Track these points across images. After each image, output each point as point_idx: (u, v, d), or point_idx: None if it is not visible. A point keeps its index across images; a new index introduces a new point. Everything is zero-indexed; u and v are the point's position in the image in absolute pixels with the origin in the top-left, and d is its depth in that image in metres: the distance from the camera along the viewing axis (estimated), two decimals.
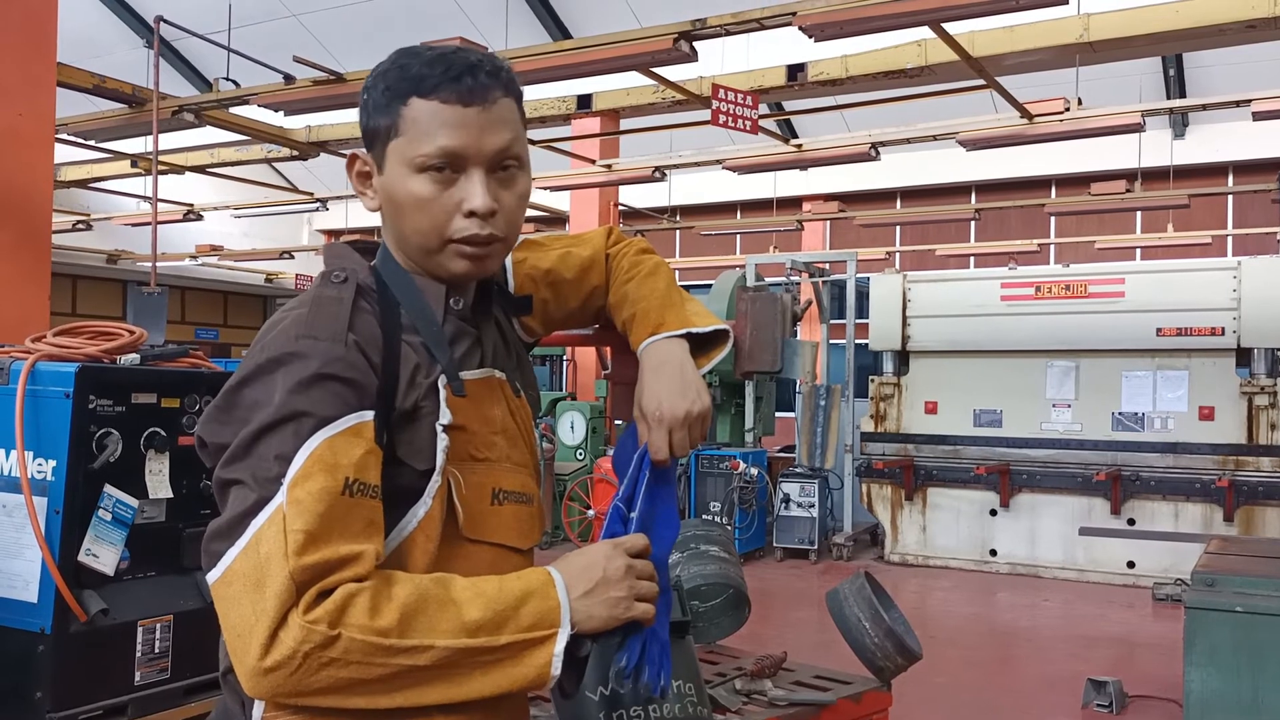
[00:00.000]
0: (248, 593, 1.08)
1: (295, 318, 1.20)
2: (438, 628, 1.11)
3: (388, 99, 1.23)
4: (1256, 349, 8.35)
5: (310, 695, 1.09)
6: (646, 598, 1.23)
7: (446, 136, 1.21)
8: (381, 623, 1.08)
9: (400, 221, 1.26)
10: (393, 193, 1.25)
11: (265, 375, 1.16)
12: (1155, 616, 7.52)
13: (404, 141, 1.23)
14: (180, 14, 10.62)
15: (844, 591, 2.55)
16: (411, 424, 1.22)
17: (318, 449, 1.11)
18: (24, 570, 2.56)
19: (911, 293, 9.57)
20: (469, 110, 1.22)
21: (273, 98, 8.61)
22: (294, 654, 1.06)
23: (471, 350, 1.33)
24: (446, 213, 1.24)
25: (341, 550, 1.09)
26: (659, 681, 1.30)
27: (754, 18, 6.73)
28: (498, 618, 1.13)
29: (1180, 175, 13.47)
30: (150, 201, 8.15)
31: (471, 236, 1.24)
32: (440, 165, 1.22)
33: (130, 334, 2.81)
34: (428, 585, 1.13)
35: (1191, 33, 6.93)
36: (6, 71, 5.39)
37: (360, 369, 1.17)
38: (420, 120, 1.22)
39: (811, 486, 9.32)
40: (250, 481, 1.12)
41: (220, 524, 1.13)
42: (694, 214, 17.42)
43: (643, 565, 1.24)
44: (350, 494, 1.12)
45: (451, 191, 1.23)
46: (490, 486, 1.29)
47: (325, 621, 1.06)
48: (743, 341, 1.83)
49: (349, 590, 1.08)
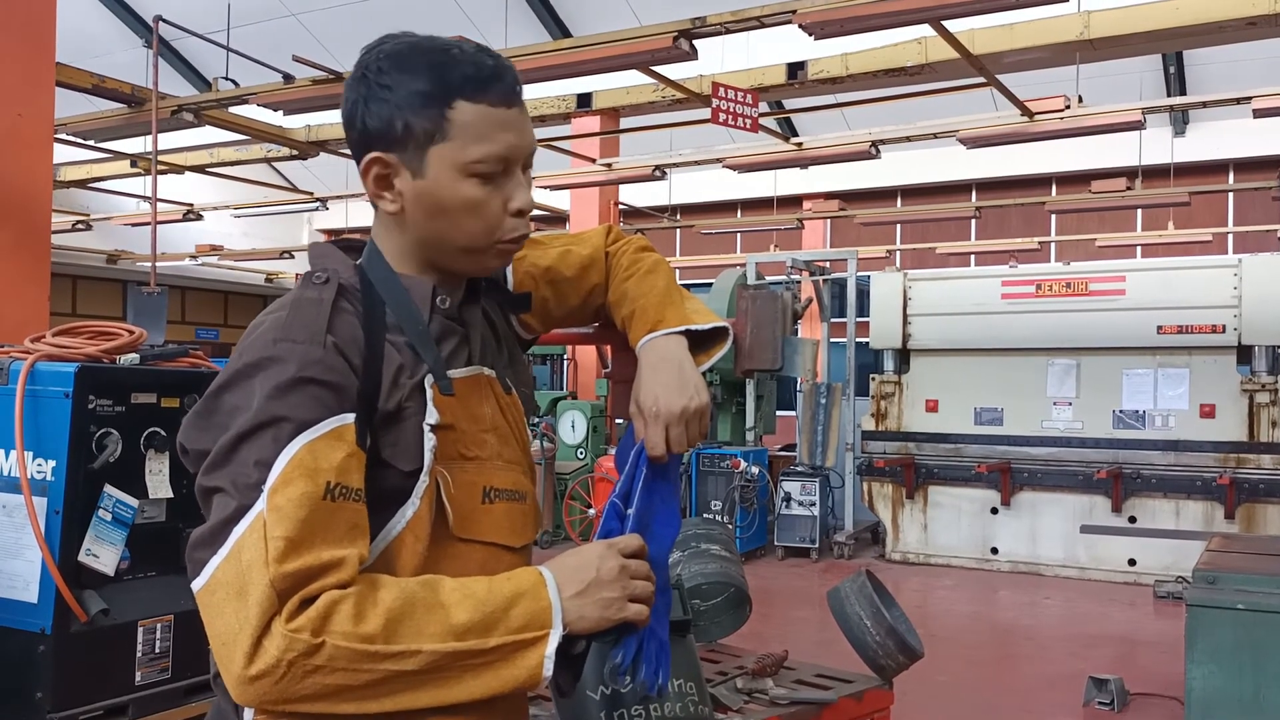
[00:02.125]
0: (230, 601, 1.07)
1: (273, 321, 1.20)
2: (425, 632, 1.10)
3: (423, 101, 1.21)
4: (1257, 346, 8.34)
5: (297, 702, 1.08)
6: (640, 598, 1.22)
7: (502, 140, 1.22)
8: (366, 629, 1.07)
9: (444, 224, 1.25)
10: (439, 197, 1.23)
11: (244, 380, 1.15)
12: (1157, 614, 7.51)
13: (454, 146, 1.21)
14: (179, 14, 10.62)
15: (845, 590, 2.54)
16: (395, 425, 1.21)
17: (298, 454, 1.10)
18: (24, 570, 2.55)
19: (912, 291, 9.57)
20: (511, 111, 1.24)
21: (272, 97, 8.60)
22: (278, 662, 1.05)
23: (459, 348, 1.31)
24: (496, 214, 1.25)
25: (324, 556, 1.08)
26: (656, 680, 1.29)
27: (754, 16, 6.72)
28: (487, 620, 1.12)
29: (1181, 173, 13.45)
30: (150, 201, 8.14)
31: (520, 236, 1.27)
32: (495, 170, 1.23)
33: (130, 334, 2.81)
34: (414, 589, 1.12)
35: (1192, 30, 6.93)
36: (6, 72, 5.38)
37: (339, 371, 1.16)
38: (472, 125, 1.21)
39: (812, 485, 9.32)
40: (230, 489, 1.11)
41: (203, 532, 1.12)
42: (694, 213, 17.41)
43: (637, 565, 1.23)
44: (332, 498, 1.11)
45: (498, 192, 1.24)
46: (481, 485, 1.28)
47: (309, 630, 1.06)
48: (743, 340, 1.83)
49: (332, 597, 1.07)
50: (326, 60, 9.01)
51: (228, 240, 18.23)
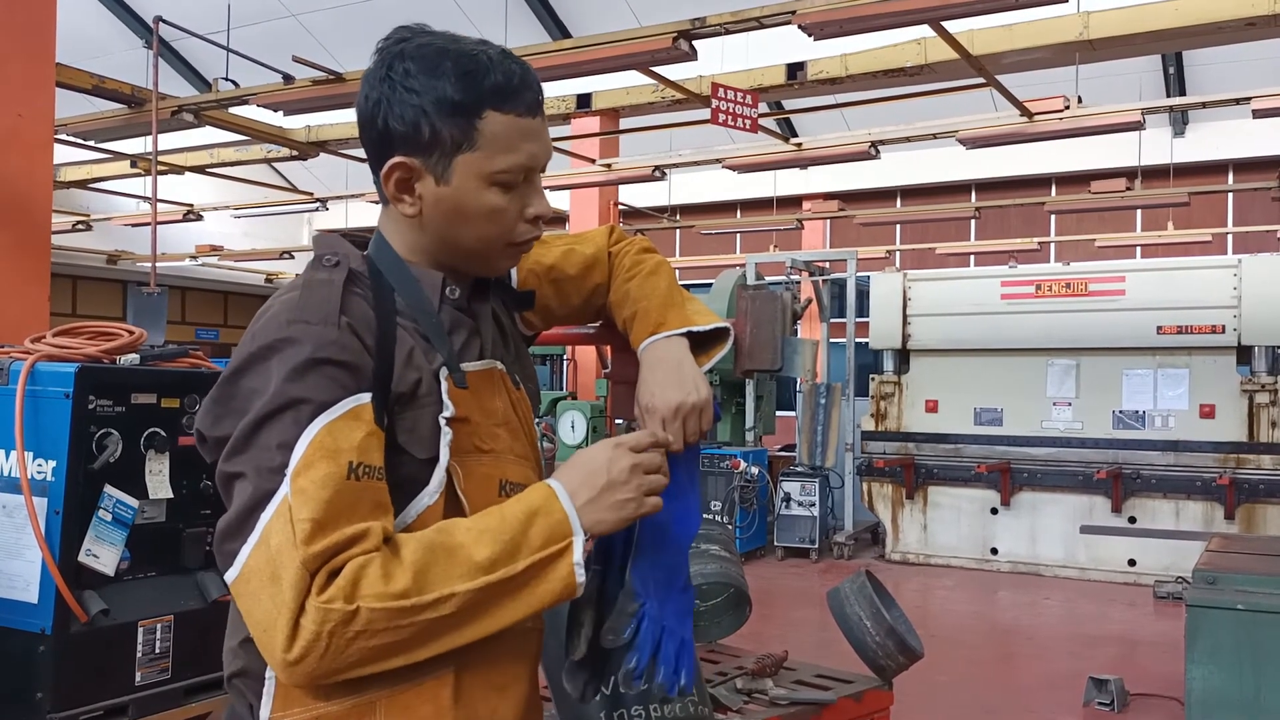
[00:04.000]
0: (265, 587, 1.08)
1: (285, 302, 1.20)
2: (453, 575, 1.11)
3: (453, 109, 1.20)
4: (1257, 347, 8.34)
5: (348, 670, 1.09)
6: (654, 491, 1.23)
7: (527, 151, 1.23)
8: (397, 586, 1.08)
9: (463, 229, 1.26)
10: (462, 204, 1.24)
11: (260, 363, 1.15)
12: (1156, 614, 7.51)
13: (482, 156, 1.22)
14: (179, 14, 10.62)
15: (845, 590, 2.54)
16: (410, 410, 1.21)
17: (318, 435, 1.11)
18: (24, 571, 2.55)
19: (912, 291, 9.57)
20: (535, 121, 1.25)
21: (272, 98, 8.60)
22: (318, 637, 1.06)
23: (470, 341, 1.32)
24: (513, 220, 1.27)
25: (348, 531, 1.09)
26: (677, 680, 1.28)
27: (753, 16, 6.72)
28: (509, 546, 1.13)
29: (1180, 173, 13.45)
30: (150, 202, 8.14)
31: (533, 239, 1.29)
32: (518, 179, 1.24)
33: (130, 334, 2.81)
34: (431, 537, 1.14)
35: (1191, 30, 6.92)
36: (6, 72, 5.38)
37: (354, 351, 1.17)
38: (500, 135, 1.22)
39: (812, 485, 9.32)
40: (253, 474, 1.11)
41: (229, 521, 1.12)
42: (694, 213, 17.41)
43: (648, 459, 1.23)
44: (356, 477, 1.11)
45: (516, 198, 1.26)
46: (498, 478, 1.29)
47: (340, 598, 1.06)
48: (743, 340, 1.83)
49: (358, 564, 1.08)
50: (327, 61, 9.02)
51: (228, 241, 18.23)
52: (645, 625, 1.27)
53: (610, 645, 1.25)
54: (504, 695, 1.25)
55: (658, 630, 1.27)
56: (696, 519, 1.37)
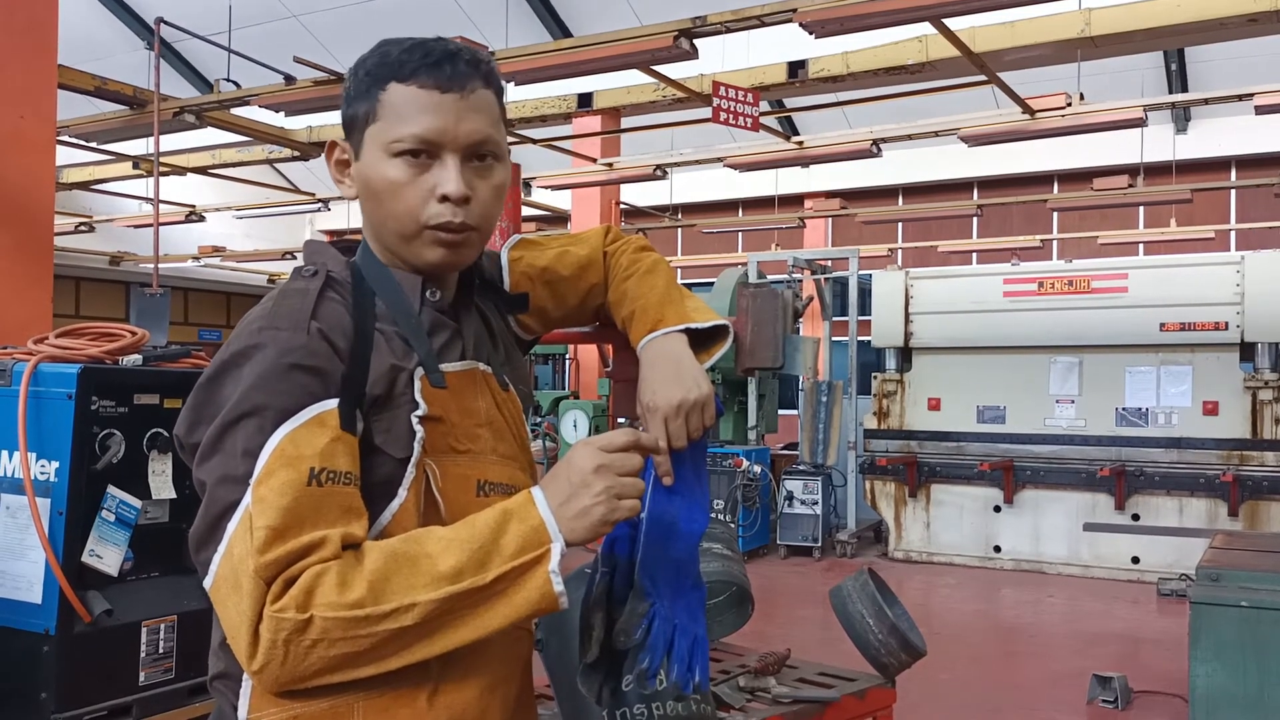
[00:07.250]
0: (230, 596, 1.09)
1: (259, 311, 1.22)
2: (416, 585, 1.09)
3: (367, 85, 1.24)
4: (1260, 344, 8.32)
5: (312, 678, 1.09)
6: (627, 494, 1.16)
7: (422, 121, 1.22)
8: (351, 596, 1.07)
9: (376, 207, 1.26)
10: (369, 178, 1.25)
11: (233, 370, 1.16)
12: (1160, 612, 7.51)
13: (381, 126, 1.23)
14: (181, 15, 10.64)
15: (848, 588, 2.54)
16: (387, 410, 1.21)
17: (280, 443, 1.11)
18: (28, 571, 2.56)
19: (914, 289, 9.56)
20: (446, 97, 1.22)
21: (273, 98, 8.61)
22: (274, 645, 1.06)
23: (451, 342, 1.32)
24: (420, 198, 1.23)
25: (304, 539, 1.08)
26: (692, 678, 1.27)
27: (754, 15, 6.73)
28: (478, 555, 1.11)
29: (1183, 170, 13.43)
30: (152, 203, 8.15)
31: (446, 223, 1.24)
32: (416, 150, 1.22)
33: (132, 335, 2.81)
34: (396, 546, 1.12)
35: (1193, 27, 6.92)
36: (8, 74, 5.39)
37: (323, 355, 1.17)
38: (398, 105, 1.22)
39: (815, 484, 9.31)
40: (220, 482, 1.12)
41: (199, 530, 1.13)
42: (695, 212, 17.41)
43: (619, 460, 1.17)
44: (318, 483, 1.11)
45: (426, 177, 1.23)
46: (475, 478, 1.28)
47: (293, 607, 1.06)
48: (744, 338, 1.83)
49: (314, 572, 1.08)
50: (328, 61, 9.02)
51: (230, 241, 18.25)
52: (657, 624, 1.26)
53: (622, 646, 1.24)
54: (492, 695, 1.24)
55: (669, 629, 1.26)
56: (705, 515, 1.35)
